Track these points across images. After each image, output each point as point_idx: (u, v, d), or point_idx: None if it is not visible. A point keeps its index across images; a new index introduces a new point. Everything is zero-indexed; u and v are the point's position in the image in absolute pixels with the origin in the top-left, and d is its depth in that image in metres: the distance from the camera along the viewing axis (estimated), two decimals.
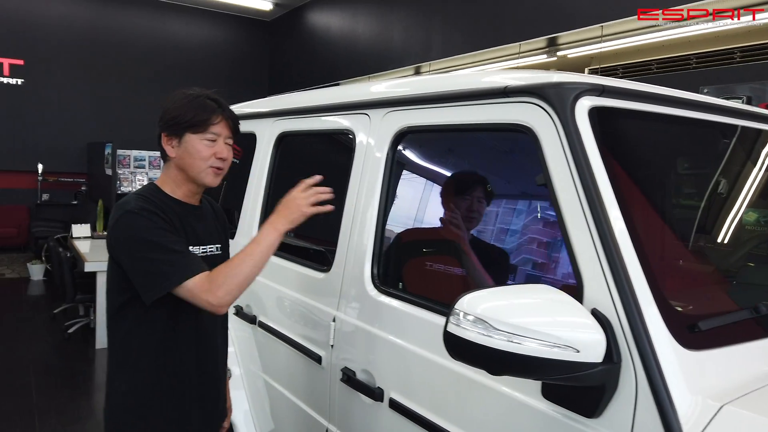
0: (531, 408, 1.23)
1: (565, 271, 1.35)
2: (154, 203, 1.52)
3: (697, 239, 1.61)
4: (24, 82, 9.22)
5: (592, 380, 1.06)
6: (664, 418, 1.01)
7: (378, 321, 1.70)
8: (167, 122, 1.57)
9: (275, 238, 1.53)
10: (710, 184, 1.72)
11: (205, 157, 1.57)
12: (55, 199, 9.45)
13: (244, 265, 1.47)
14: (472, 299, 1.10)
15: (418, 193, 1.83)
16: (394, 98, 1.78)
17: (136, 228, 1.46)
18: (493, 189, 1.66)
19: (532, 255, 1.48)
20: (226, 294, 1.44)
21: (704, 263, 1.57)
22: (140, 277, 1.46)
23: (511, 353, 1.04)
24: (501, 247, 1.60)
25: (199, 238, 1.62)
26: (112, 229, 1.50)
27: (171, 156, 1.59)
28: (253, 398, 2.47)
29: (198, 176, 1.58)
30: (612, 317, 1.10)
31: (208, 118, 1.55)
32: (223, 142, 1.59)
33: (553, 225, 1.34)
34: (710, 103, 1.57)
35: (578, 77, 1.31)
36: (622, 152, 1.38)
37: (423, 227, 1.82)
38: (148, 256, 1.44)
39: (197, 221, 1.64)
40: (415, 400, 1.54)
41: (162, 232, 1.47)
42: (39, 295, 7.08)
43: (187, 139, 1.56)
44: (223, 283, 1.44)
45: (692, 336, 1.12)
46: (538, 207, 1.47)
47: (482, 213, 1.65)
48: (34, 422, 3.63)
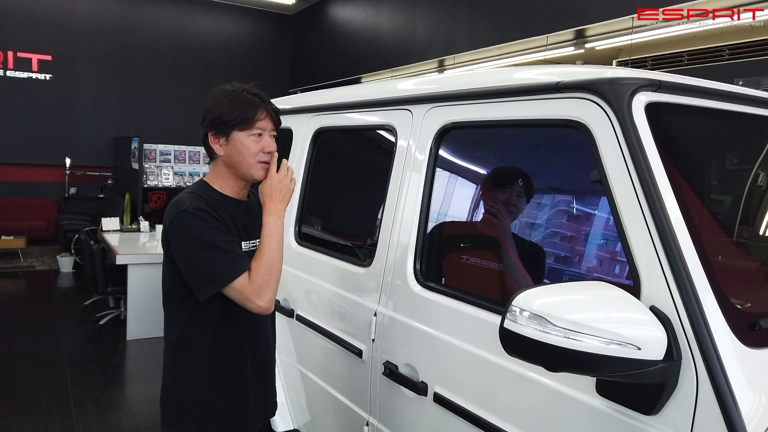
0: (584, 404, 1.23)
1: (616, 269, 1.35)
2: (207, 201, 1.56)
3: (747, 236, 1.59)
4: (52, 77, 9.38)
5: (652, 378, 1.06)
6: (726, 416, 1.00)
7: (421, 315, 1.71)
8: (213, 121, 1.59)
9: (281, 224, 1.62)
10: (759, 181, 1.70)
11: (254, 153, 1.59)
12: (82, 193, 9.62)
13: (274, 261, 1.55)
14: (528, 295, 1.10)
15: (461, 189, 1.84)
16: (439, 94, 1.78)
17: (191, 228, 1.50)
18: (532, 183, 1.65)
19: (580, 252, 1.48)
20: (272, 294, 1.54)
21: (756, 261, 1.55)
22: (193, 275, 1.52)
23: (570, 350, 1.04)
24: (547, 243, 1.60)
25: (249, 233, 1.65)
26: (168, 228, 1.55)
27: (219, 154, 1.61)
28: (289, 390, 2.50)
29: (248, 172, 1.61)
30: (672, 314, 1.09)
31: (254, 114, 1.58)
32: (269, 136, 1.62)
33: (607, 222, 1.34)
34: (762, 98, 1.54)
35: (633, 72, 1.30)
36: (678, 148, 1.36)
37: (466, 222, 1.83)
38: (201, 255, 1.49)
39: (247, 216, 1.67)
40: (461, 395, 1.55)
41: (215, 231, 1.51)
42: (69, 287, 7.23)
43: (235, 136, 1.59)
44: (267, 284, 1.52)
45: (753, 334, 1.11)
46: (588, 203, 1.47)
47: (520, 208, 1.64)
48: (71, 411, 3.73)
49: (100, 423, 3.60)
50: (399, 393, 1.77)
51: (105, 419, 3.67)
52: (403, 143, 1.90)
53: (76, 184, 9.61)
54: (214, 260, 1.48)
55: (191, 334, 1.59)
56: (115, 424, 3.62)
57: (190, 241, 1.50)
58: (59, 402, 3.86)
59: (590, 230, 1.44)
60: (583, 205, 1.49)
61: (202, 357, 1.60)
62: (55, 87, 9.41)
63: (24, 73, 9.19)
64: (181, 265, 1.53)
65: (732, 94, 1.46)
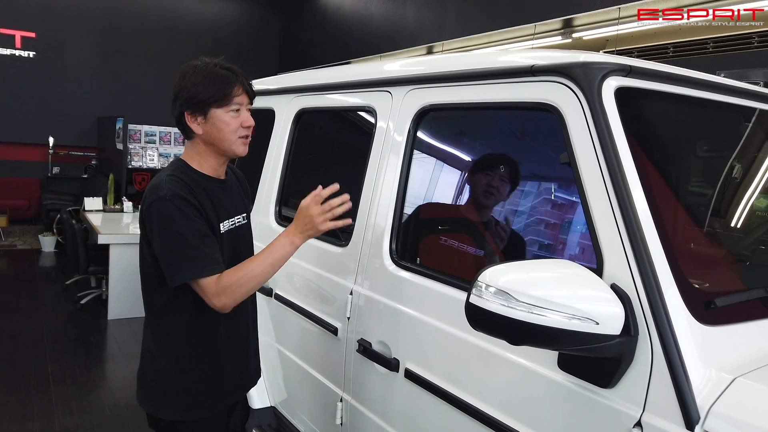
0: (546, 378, 1.27)
1: (583, 249, 1.38)
2: (186, 184, 1.55)
3: (711, 221, 1.64)
4: (36, 54, 9.23)
5: (610, 352, 1.10)
6: (678, 389, 1.05)
7: (396, 294, 1.74)
8: (188, 100, 1.56)
9: (290, 251, 1.57)
10: (726, 168, 1.74)
11: (234, 129, 1.58)
12: (66, 173, 9.52)
13: (255, 273, 1.53)
14: (494, 272, 1.13)
15: (438, 171, 1.86)
16: (418, 76, 1.79)
17: (166, 217, 1.50)
18: (517, 169, 1.67)
19: (549, 234, 1.51)
20: (231, 301, 1.52)
21: (718, 244, 1.60)
22: (164, 263, 1.53)
23: (532, 324, 1.07)
24: (519, 225, 1.63)
25: (227, 212, 1.66)
26: (146, 212, 1.54)
27: (198, 133, 1.59)
28: (267, 368, 2.53)
29: (229, 149, 1.61)
30: (631, 292, 1.13)
31: (231, 90, 1.56)
32: (245, 110, 1.61)
33: (573, 204, 1.37)
34: (734, 86, 1.58)
35: (605, 57, 1.32)
36: (647, 133, 1.40)
37: (442, 204, 1.86)
38: (173, 247, 1.50)
39: (225, 195, 1.67)
40: (431, 371, 1.59)
41: (189, 223, 1.51)
42: (50, 267, 7.18)
43: (213, 114, 1.56)
44: (232, 290, 1.50)
45: (708, 312, 1.15)
46: (559, 186, 1.50)
47: (502, 192, 1.66)
48: (50, 389, 3.73)
49: (79, 401, 3.61)
50: (372, 369, 1.80)
51: (84, 397, 3.67)
52: (382, 125, 1.92)
53: (59, 163, 9.51)
54: (185, 254, 1.49)
55: (168, 312, 1.61)
56: (94, 402, 3.63)
57: (164, 231, 1.50)
58: (39, 380, 3.85)
59: (562, 212, 1.48)
60: (554, 187, 1.52)
61: (178, 335, 1.61)
62: (39, 65, 9.26)
63: (7, 50, 9.04)
64: (155, 249, 1.53)
65: (703, 82, 1.49)
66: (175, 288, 1.55)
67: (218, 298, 1.50)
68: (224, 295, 1.50)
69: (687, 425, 1.03)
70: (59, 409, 3.49)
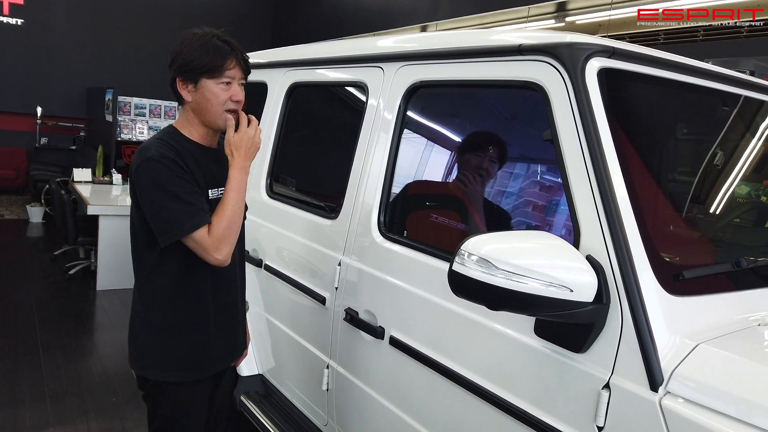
0: (523, 344, 1.34)
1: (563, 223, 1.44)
2: (174, 148, 1.58)
3: (686, 201, 1.70)
4: (24, 22, 9.07)
5: (583, 318, 1.17)
6: (644, 353, 1.12)
7: (382, 265, 1.80)
8: (181, 67, 1.58)
9: (246, 177, 1.64)
10: (708, 153, 1.80)
11: (222, 102, 1.60)
12: (54, 144, 9.43)
13: (235, 216, 1.59)
14: (477, 241, 1.19)
15: (427, 147, 1.91)
16: (409, 52, 1.83)
17: (155, 176, 1.53)
18: (504, 147, 1.72)
19: (533, 207, 1.57)
20: (229, 247, 1.58)
21: (692, 223, 1.67)
22: (155, 222, 1.56)
23: (511, 290, 1.13)
24: (502, 200, 1.69)
25: (217, 180, 1.69)
26: (134, 174, 1.57)
27: (187, 100, 1.62)
28: (255, 337, 2.59)
29: (214, 121, 1.63)
30: (605, 263, 1.19)
31: (223, 62, 1.57)
32: (238, 84, 1.63)
33: (556, 180, 1.43)
34: (716, 72, 1.63)
35: (590, 38, 1.37)
36: (628, 113, 1.45)
37: (430, 180, 1.90)
38: (163, 204, 1.53)
39: (215, 163, 1.70)
40: (415, 338, 1.66)
41: (178, 180, 1.54)
42: (38, 237, 7.16)
43: (203, 84, 1.59)
44: (225, 236, 1.56)
45: (677, 283, 1.22)
46: (542, 163, 1.55)
47: (491, 172, 1.71)
48: (40, 357, 3.77)
49: (68, 368, 3.66)
50: (358, 337, 1.87)
51: (73, 364, 3.72)
52: (373, 100, 1.95)
53: (47, 134, 9.41)
54: (176, 210, 1.52)
55: (157, 276, 1.64)
56: (83, 369, 3.68)
57: (154, 189, 1.53)
58: (27, 347, 3.89)
59: (545, 188, 1.53)
60: (538, 164, 1.57)
61: (167, 299, 1.65)
62: (27, 32, 9.11)
63: None
64: (145, 211, 1.56)
65: (685, 66, 1.54)
66: (164, 251, 1.59)
67: (217, 251, 1.54)
68: (221, 244, 1.55)
69: (651, 386, 1.10)
70: (48, 375, 3.54)
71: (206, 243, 1.54)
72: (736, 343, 1.14)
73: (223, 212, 1.57)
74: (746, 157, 1.82)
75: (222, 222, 1.56)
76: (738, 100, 1.77)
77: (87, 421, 3.07)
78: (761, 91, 1.81)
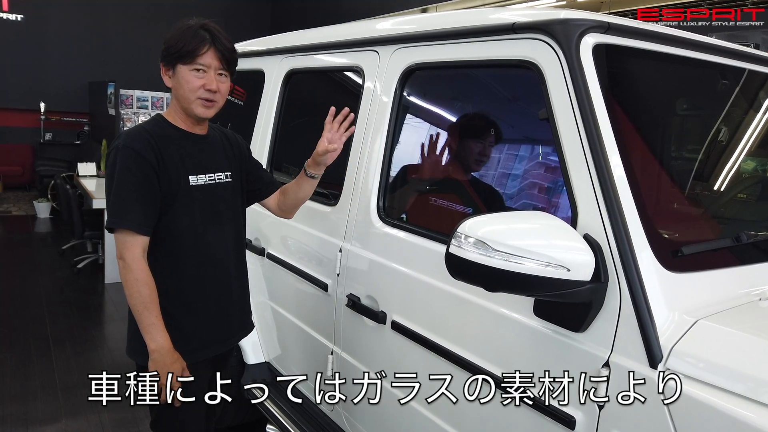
0: (523, 325, 1.34)
1: (560, 202, 1.43)
2: (152, 137, 1.61)
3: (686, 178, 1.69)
4: (24, 17, 9.06)
5: (581, 297, 1.16)
6: (643, 330, 1.11)
7: (382, 250, 1.80)
8: (163, 52, 1.63)
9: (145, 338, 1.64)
10: (711, 129, 1.78)
11: (194, 89, 1.61)
12: (58, 139, 9.46)
13: (130, 293, 1.62)
14: (473, 223, 1.18)
15: (424, 130, 1.89)
16: (403, 35, 1.81)
17: (115, 164, 1.59)
18: (499, 129, 1.71)
19: (530, 187, 1.56)
20: (121, 272, 1.62)
21: (691, 199, 1.65)
22: (107, 206, 1.62)
23: (508, 271, 1.13)
24: (501, 181, 1.68)
25: (202, 167, 1.69)
26: (107, 159, 1.65)
27: (168, 86, 1.66)
28: (261, 325, 2.60)
29: (188, 107, 1.64)
30: (602, 241, 1.19)
31: (195, 48, 1.58)
32: (214, 74, 1.62)
33: (553, 159, 1.41)
34: (717, 45, 1.61)
35: (585, 14, 1.35)
36: (624, 89, 1.43)
37: (428, 163, 1.89)
38: (109, 191, 1.60)
39: (200, 150, 1.71)
40: (416, 322, 1.66)
41: (128, 175, 1.57)
42: (46, 232, 7.22)
43: (178, 70, 1.62)
44: (125, 272, 1.60)
45: (675, 260, 1.21)
46: (539, 142, 1.54)
47: (488, 153, 1.70)
48: (50, 349, 3.82)
49: (78, 360, 3.70)
50: (360, 323, 1.87)
51: (83, 356, 3.77)
52: (370, 85, 1.94)
53: (51, 129, 9.43)
54: (114, 203, 1.58)
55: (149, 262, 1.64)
56: (93, 360, 3.72)
57: (108, 177, 1.61)
58: (38, 340, 3.94)
59: (540, 168, 1.52)
60: (535, 144, 1.56)
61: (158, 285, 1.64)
62: (27, 28, 9.10)
63: None
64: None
65: (682, 39, 1.52)
66: (152, 237, 1.63)
67: (120, 260, 1.59)
68: (122, 265, 1.59)
69: (650, 364, 1.10)
70: (59, 367, 3.58)
71: (118, 243, 1.59)
72: (735, 319, 1.13)
73: (138, 284, 1.59)
74: (751, 132, 1.79)
75: (132, 275, 1.58)
76: (741, 74, 1.74)
77: (98, 412, 3.11)
78: (766, 64, 1.78)
